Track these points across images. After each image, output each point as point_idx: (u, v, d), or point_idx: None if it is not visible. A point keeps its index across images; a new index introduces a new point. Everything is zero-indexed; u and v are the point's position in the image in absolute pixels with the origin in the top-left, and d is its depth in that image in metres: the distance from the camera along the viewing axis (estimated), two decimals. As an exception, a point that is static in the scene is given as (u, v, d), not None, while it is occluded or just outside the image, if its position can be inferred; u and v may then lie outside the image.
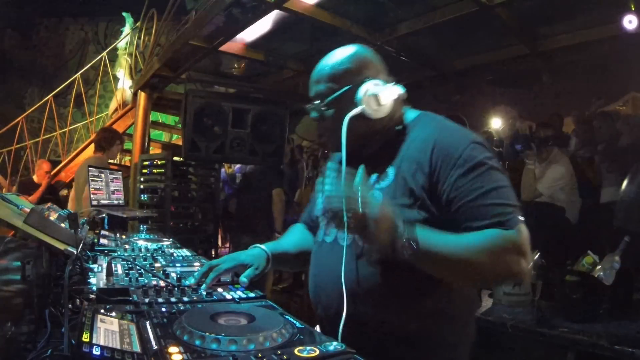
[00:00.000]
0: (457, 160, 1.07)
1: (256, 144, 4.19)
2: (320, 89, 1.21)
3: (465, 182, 1.05)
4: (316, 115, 1.23)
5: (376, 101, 1.14)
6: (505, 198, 1.05)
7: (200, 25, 3.61)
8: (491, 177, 1.06)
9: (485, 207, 1.03)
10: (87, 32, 13.35)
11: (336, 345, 0.81)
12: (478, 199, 1.04)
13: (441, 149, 1.09)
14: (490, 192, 1.04)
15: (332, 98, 1.18)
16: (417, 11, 3.65)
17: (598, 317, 2.46)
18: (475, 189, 1.05)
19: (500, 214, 1.02)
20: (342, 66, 1.20)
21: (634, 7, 3.23)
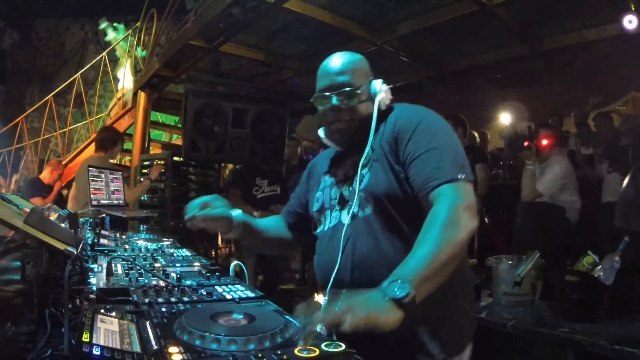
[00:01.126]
0: (413, 126, 1.25)
1: (256, 144, 4.19)
2: (346, 79, 1.33)
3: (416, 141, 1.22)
4: (337, 103, 1.33)
5: (388, 94, 1.35)
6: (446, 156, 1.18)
7: (200, 25, 3.61)
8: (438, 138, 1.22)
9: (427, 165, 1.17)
10: (87, 32, 13.36)
11: (336, 345, 0.81)
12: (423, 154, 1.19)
13: (402, 120, 1.30)
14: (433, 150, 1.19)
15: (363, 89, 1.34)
16: (417, 11, 3.65)
17: (598, 317, 2.45)
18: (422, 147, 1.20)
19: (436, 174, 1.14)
20: (359, 65, 1.38)
21: (634, 7, 3.23)
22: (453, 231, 1.05)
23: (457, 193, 1.12)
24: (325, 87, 1.35)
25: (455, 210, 1.08)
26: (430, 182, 1.14)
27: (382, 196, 1.24)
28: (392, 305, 0.92)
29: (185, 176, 4.79)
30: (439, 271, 1.02)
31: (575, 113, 5.62)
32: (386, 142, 1.28)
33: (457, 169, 1.16)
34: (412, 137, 1.23)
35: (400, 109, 1.37)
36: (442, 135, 1.24)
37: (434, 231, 1.06)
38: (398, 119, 1.31)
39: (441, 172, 1.14)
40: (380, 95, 1.33)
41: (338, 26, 3.70)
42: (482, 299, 3.01)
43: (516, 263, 2.86)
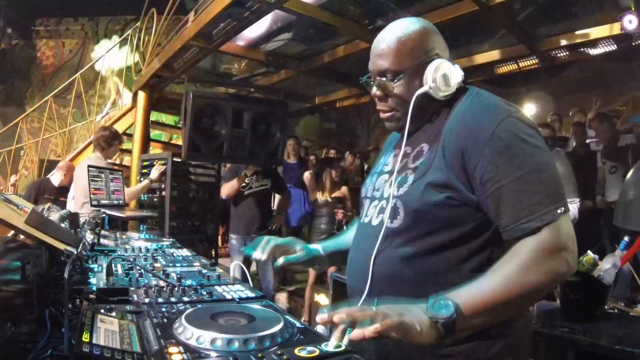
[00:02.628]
0: (491, 137, 0.97)
1: (256, 144, 4.18)
2: (386, 64, 1.11)
3: (499, 162, 0.95)
4: (377, 91, 1.14)
5: (445, 81, 1.09)
6: (542, 184, 0.95)
7: (200, 25, 3.61)
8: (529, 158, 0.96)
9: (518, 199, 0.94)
10: (87, 32, 13.35)
11: (336, 345, 0.81)
12: (512, 183, 0.94)
13: (472, 125, 1.01)
14: (526, 177, 0.94)
15: (401, 77, 1.10)
16: (417, 11, 3.65)
17: (598, 317, 2.45)
18: (510, 172, 0.95)
19: (531, 213, 0.93)
20: (410, 42, 1.10)
21: (634, 7, 3.23)
22: (532, 273, 0.90)
23: (552, 233, 0.92)
24: (370, 69, 1.16)
25: (542, 251, 0.91)
26: (525, 223, 0.93)
27: (417, 211, 1.03)
28: (429, 323, 0.84)
29: (185, 176, 4.78)
30: (497, 310, 0.90)
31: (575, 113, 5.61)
32: (451, 144, 1.02)
33: (554, 202, 0.94)
34: (494, 155, 0.96)
35: (475, 103, 1.09)
36: (533, 152, 0.97)
37: (509, 266, 0.92)
38: (471, 118, 1.04)
39: (536, 210, 0.93)
40: (426, 87, 1.08)
41: (338, 26, 3.70)
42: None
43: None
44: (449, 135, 1.04)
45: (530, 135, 0.99)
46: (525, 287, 0.90)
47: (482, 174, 0.97)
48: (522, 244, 0.93)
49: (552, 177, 0.98)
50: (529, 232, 0.93)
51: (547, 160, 0.98)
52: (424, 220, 1.03)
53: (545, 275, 0.91)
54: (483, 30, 3.92)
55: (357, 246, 1.20)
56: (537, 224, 0.92)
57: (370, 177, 1.27)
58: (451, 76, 1.10)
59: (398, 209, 1.07)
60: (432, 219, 1.02)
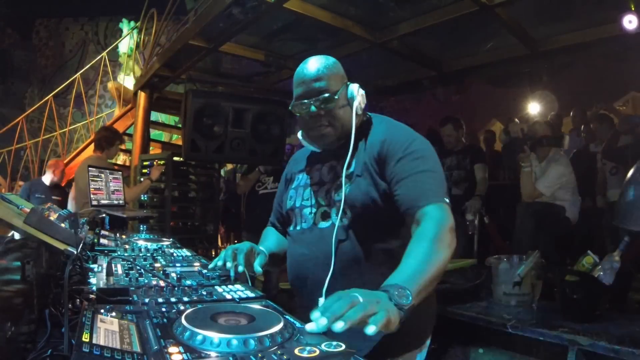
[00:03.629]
0: (402, 149, 1.30)
1: (256, 144, 4.19)
2: (323, 85, 1.35)
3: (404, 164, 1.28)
4: (315, 109, 1.36)
5: (364, 99, 1.39)
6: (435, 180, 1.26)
7: (200, 25, 3.61)
8: (425, 163, 1.28)
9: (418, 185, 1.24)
10: (87, 32, 13.36)
11: (336, 345, 0.81)
12: (412, 176, 1.26)
13: (392, 140, 1.33)
14: (424, 173, 1.26)
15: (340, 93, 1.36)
16: (417, 11, 3.65)
17: (598, 317, 2.46)
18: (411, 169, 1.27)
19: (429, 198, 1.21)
20: (334, 69, 1.40)
21: (634, 7, 3.23)
22: (442, 249, 1.12)
23: (444, 214, 1.19)
24: (302, 93, 1.38)
25: (443, 229, 1.15)
26: (420, 201, 1.22)
27: (361, 208, 1.31)
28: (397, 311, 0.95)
29: (185, 176, 4.79)
30: (430, 285, 1.07)
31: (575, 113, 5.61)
32: (372, 157, 1.33)
33: (443, 193, 1.25)
34: (402, 159, 1.29)
35: (389, 127, 1.39)
36: (430, 161, 1.30)
37: (425, 245, 1.12)
38: (388, 138, 1.34)
39: (430, 193, 1.22)
40: (358, 100, 1.37)
41: (338, 26, 3.70)
42: (482, 298, 3.02)
43: (516, 263, 2.86)
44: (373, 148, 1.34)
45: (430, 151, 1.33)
46: (441, 260, 1.10)
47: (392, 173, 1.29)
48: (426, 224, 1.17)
49: (441, 179, 1.29)
50: (421, 208, 1.20)
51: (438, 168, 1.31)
52: (369, 213, 1.30)
53: (449, 249, 1.13)
54: (483, 30, 3.92)
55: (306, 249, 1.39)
56: (427, 202, 1.20)
57: (294, 190, 1.50)
58: (363, 96, 1.41)
59: (345, 210, 1.32)
60: (374, 212, 1.30)
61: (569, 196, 3.65)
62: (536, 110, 6.12)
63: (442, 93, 5.72)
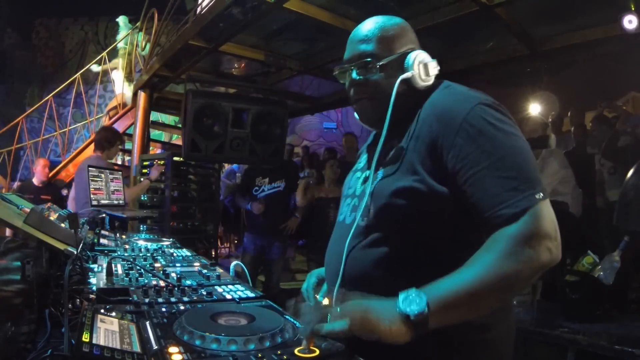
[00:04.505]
0: (461, 125, 0.94)
1: (256, 144, 4.19)
2: (369, 49, 1.11)
3: (471, 149, 0.92)
4: (356, 76, 1.11)
5: (425, 71, 1.09)
6: (517, 169, 0.90)
7: (200, 25, 3.61)
8: (502, 143, 0.92)
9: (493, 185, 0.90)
10: (87, 32, 13.35)
11: (336, 345, 0.81)
12: (485, 170, 0.90)
13: (441, 115, 0.99)
14: (500, 162, 0.90)
15: (387, 60, 1.09)
16: (417, 11, 3.65)
17: (598, 317, 2.46)
18: (483, 158, 0.91)
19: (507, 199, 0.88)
20: (392, 31, 1.15)
21: (634, 7, 3.22)
22: (509, 263, 0.85)
23: (531, 219, 0.87)
24: (346, 58, 1.15)
25: (521, 239, 0.86)
26: (500, 210, 0.88)
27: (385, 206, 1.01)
28: (399, 319, 0.81)
29: (185, 176, 4.78)
30: (473, 303, 0.85)
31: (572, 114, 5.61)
32: (422, 137, 1.00)
33: (531, 187, 0.89)
34: (463, 142, 0.93)
35: (444, 94, 1.07)
36: (508, 137, 0.93)
37: (486, 256, 0.87)
38: (441, 108, 1.01)
39: (513, 195, 0.88)
40: (409, 73, 1.06)
41: (338, 26, 3.70)
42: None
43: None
44: (420, 127, 1.02)
45: (500, 121, 0.95)
46: (501, 278, 0.85)
47: (455, 163, 0.94)
48: (500, 233, 0.88)
49: (527, 162, 0.92)
50: (506, 219, 0.87)
51: (520, 145, 0.94)
52: (391, 215, 1.01)
53: (523, 265, 0.85)
54: (483, 30, 3.91)
55: (331, 247, 1.18)
56: (514, 210, 0.87)
57: (349, 175, 1.26)
58: (430, 66, 1.10)
59: (369, 205, 1.05)
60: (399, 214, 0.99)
61: (569, 190, 3.63)
62: (537, 111, 6.11)
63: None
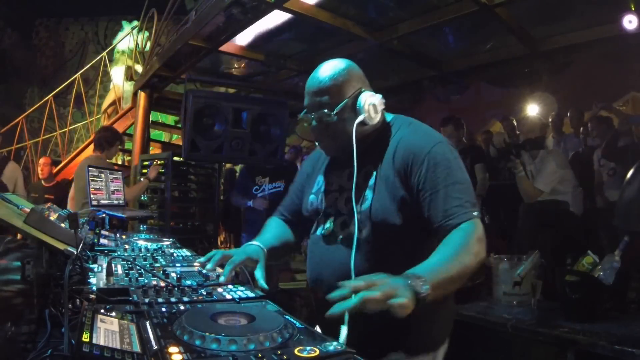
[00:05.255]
0: (426, 157, 1.26)
1: (256, 144, 4.19)
2: (324, 99, 1.32)
3: (430, 176, 1.24)
4: (316, 123, 1.35)
5: (374, 109, 1.31)
6: (462, 193, 1.23)
7: (200, 25, 3.61)
8: (454, 174, 1.25)
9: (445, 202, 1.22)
10: (87, 32, 13.36)
11: (336, 345, 0.81)
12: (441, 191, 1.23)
13: (411, 148, 1.29)
14: (450, 187, 1.23)
15: (339, 108, 1.31)
16: (417, 11, 3.65)
17: (598, 317, 2.45)
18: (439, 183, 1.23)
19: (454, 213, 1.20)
20: (341, 78, 1.33)
21: (634, 7, 3.22)
22: (467, 255, 1.14)
23: (473, 227, 1.19)
24: (306, 105, 1.37)
25: (470, 239, 1.17)
26: (451, 219, 1.20)
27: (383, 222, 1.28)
28: (412, 296, 0.98)
29: (185, 176, 4.79)
30: (450, 284, 1.11)
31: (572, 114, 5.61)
32: (397, 167, 1.28)
33: (472, 207, 1.23)
34: (429, 169, 1.25)
35: (410, 133, 1.34)
36: (457, 170, 1.27)
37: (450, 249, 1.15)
38: (409, 146, 1.29)
39: (461, 210, 1.20)
40: (365, 113, 1.30)
41: (338, 26, 3.70)
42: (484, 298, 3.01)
43: (516, 263, 2.86)
44: (395, 158, 1.30)
45: (453, 157, 1.28)
46: (465, 265, 1.12)
47: (419, 184, 1.25)
48: (454, 234, 1.17)
49: (469, 189, 1.26)
50: (453, 227, 1.19)
51: (465, 177, 1.28)
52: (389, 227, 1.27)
53: (475, 257, 1.14)
54: (483, 30, 3.91)
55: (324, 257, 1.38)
56: (459, 221, 1.19)
57: (315, 196, 1.47)
58: (377, 105, 1.32)
59: (364, 222, 1.29)
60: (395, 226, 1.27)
61: (570, 189, 3.63)
62: (535, 112, 6.11)
63: (442, 93, 5.71)
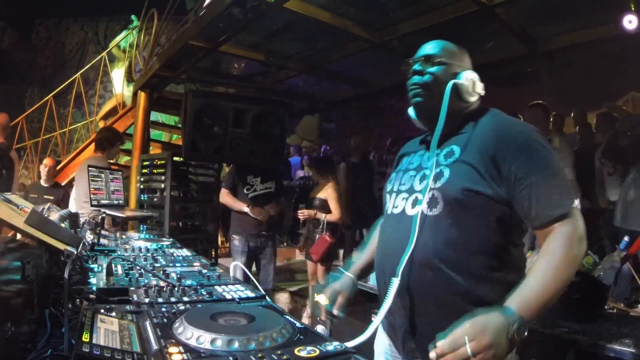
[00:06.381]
0: (523, 143, 1.21)
1: (256, 144, 4.18)
2: (434, 52, 1.37)
3: (530, 164, 1.18)
4: (418, 67, 1.36)
5: (473, 86, 1.33)
6: (562, 183, 1.18)
7: (200, 25, 3.61)
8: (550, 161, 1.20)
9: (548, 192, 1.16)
10: (87, 32, 13.36)
11: (336, 345, 0.81)
12: (541, 181, 1.17)
13: (507, 133, 1.24)
14: (550, 176, 1.18)
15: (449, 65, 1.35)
16: (417, 11, 3.65)
17: (598, 317, 2.45)
18: (539, 172, 1.17)
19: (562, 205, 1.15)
20: (457, 51, 1.41)
21: (634, 7, 3.22)
22: (569, 269, 1.11)
23: (573, 225, 1.14)
24: (415, 56, 1.40)
25: (572, 245, 1.12)
26: (551, 211, 1.15)
27: (456, 200, 1.21)
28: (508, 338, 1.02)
29: (185, 176, 4.78)
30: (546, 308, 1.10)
31: (576, 113, 5.61)
32: (483, 149, 1.22)
33: (572, 197, 1.17)
34: (522, 156, 1.19)
35: (501, 118, 1.32)
36: (553, 159, 1.22)
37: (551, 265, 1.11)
38: (501, 129, 1.25)
39: (561, 202, 1.16)
40: (460, 80, 1.31)
41: (338, 26, 3.70)
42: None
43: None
44: (476, 139, 1.26)
45: (546, 146, 1.23)
46: (566, 281, 1.11)
47: (517, 172, 1.18)
48: (556, 241, 1.13)
49: (566, 178, 1.22)
50: (555, 219, 1.14)
51: (560, 165, 1.23)
52: (461, 208, 1.21)
53: (573, 267, 1.12)
54: (483, 30, 3.91)
55: (391, 235, 1.36)
56: (563, 211, 1.14)
57: (396, 174, 1.46)
58: (477, 85, 1.35)
59: (437, 199, 1.24)
60: (467, 207, 1.20)
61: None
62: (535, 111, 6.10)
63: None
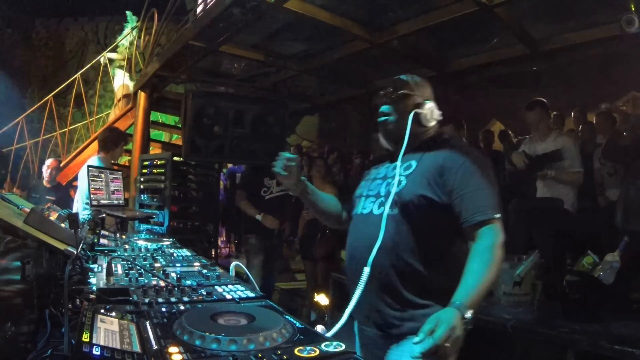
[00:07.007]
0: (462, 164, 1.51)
1: (256, 144, 4.19)
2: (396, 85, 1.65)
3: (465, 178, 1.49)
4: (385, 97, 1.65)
5: (432, 114, 1.63)
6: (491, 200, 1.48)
7: (200, 25, 3.61)
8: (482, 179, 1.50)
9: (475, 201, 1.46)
10: (87, 32, 13.35)
11: (336, 345, 0.81)
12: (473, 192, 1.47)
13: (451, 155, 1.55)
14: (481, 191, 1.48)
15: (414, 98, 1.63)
16: (417, 11, 3.65)
17: (598, 317, 2.45)
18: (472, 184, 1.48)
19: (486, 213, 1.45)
20: (421, 82, 1.70)
21: (634, 7, 3.22)
22: (495, 269, 1.40)
23: (496, 233, 1.44)
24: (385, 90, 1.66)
25: (496, 250, 1.41)
26: (477, 216, 1.44)
27: (410, 203, 1.51)
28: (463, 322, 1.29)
29: (185, 176, 4.78)
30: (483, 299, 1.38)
31: (577, 114, 5.61)
32: (433, 165, 1.53)
33: (496, 209, 1.47)
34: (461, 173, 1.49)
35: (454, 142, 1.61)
36: (486, 176, 1.50)
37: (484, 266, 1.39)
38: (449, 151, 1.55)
39: (486, 209, 1.45)
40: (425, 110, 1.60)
41: (338, 26, 3.70)
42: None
43: (516, 263, 2.86)
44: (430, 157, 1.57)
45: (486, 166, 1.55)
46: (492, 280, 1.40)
47: (454, 184, 1.50)
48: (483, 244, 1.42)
49: (494, 193, 1.51)
50: (480, 222, 1.44)
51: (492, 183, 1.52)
52: (414, 209, 1.51)
53: (499, 265, 1.42)
54: (483, 30, 3.91)
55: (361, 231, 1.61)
56: (485, 218, 1.44)
57: (365, 182, 1.75)
58: (435, 113, 1.65)
59: (396, 202, 1.54)
60: (419, 209, 1.51)
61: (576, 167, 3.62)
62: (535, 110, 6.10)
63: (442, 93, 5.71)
